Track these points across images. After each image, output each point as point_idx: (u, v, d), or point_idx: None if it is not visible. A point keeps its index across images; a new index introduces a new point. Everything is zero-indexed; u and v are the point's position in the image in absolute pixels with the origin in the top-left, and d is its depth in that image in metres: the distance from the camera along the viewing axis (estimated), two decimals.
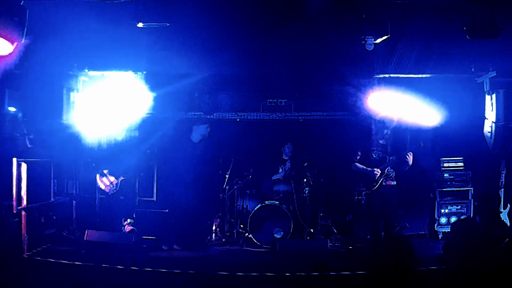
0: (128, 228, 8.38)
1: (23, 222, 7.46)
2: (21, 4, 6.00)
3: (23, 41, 6.14)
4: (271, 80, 9.04)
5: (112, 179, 8.52)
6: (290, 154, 9.24)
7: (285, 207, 8.55)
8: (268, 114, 9.64)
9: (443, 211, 8.91)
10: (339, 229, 8.64)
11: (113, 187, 8.53)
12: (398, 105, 8.31)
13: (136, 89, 8.33)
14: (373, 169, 7.85)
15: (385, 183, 7.86)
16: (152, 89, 8.39)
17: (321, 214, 8.77)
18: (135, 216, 8.65)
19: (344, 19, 7.21)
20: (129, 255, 7.02)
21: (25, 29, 6.04)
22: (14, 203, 7.32)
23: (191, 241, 8.36)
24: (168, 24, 6.97)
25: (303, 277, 6.59)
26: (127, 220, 8.46)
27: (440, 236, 8.81)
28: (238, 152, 9.15)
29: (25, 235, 7.45)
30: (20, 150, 7.60)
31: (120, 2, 6.50)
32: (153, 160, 8.99)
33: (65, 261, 7.10)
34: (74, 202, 8.86)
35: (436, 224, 8.89)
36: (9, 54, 6.16)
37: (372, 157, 7.99)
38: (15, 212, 7.34)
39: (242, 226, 8.80)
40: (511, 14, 6.64)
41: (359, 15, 7.10)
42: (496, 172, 8.57)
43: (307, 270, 6.63)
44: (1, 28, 5.87)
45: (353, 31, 7.35)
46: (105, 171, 8.54)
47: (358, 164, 8.02)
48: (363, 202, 8.81)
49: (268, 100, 9.64)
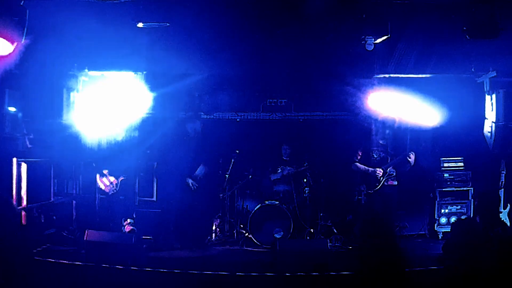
0: (128, 228, 8.37)
1: (23, 222, 7.46)
2: (21, 4, 6.00)
3: (23, 41, 6.13)
4: (271, 80, 9.05)
5: (112, 179, 8.52)
6: (289, 155, 9.24)
7: (285, 207, 8.54)
8: (268, 114, 9.65)
9: (443, 211, 8.91)
10: (339, 229, 8.63)
11: (113, 187, 8.52)
12: (398, 105, 8.31)
13: (136, 89, 8.32)
14: (375, 169, 7.85)
15: (386, 183, 7.87)
16: (152, 89, 8.38)
17: (321, 214, 8.76)
18: (135, 216, 8.65)
19: (344, 19, 7.22)
20: (129, 255, 7.01)
21: (25, 29, 6.03)
22: (14, 203, 7.31)
23: (191, 241, 8.35)
24: (168, 24, 6.99)
25: (303, 277, 6.58)
26: (127, 220, 8.45)
27: (440, 236, 8.81)
28: (238, 151, 9.13)
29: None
30: (20, 150, 7.58)
31: (120, 2, 6.50)
32: (153, 160, 8.99)
33: (65, 261, 7.08)
34: (74, 202, 8.85)
35: (436, 224, 8.89)
36: (9, 54, 6.16)
37: (373, 157, 8.00)
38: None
39: (242, 226, 8.79)
40: (511, 14, 6.64)
41: (359, 15, 7.10)
42: (496, 172, 8.56)
43: (307, 270, 6.62)
44: (1, 28, 5.87)
45: (353, 31, 7.37)
46: (105, 171, 8.53)
47: (359, 164, 8.01)
48: (363, 202, 8.80)
49: (268, 100, 9.65)
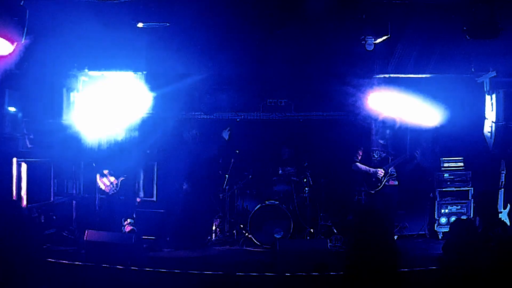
0: (128, 228, 8.36)
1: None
2: (21, 4, 6.00)
3: (23, 41, 6.14)
4: (271, 80, 9.04)
5: (112, 179, 8.50)
6: (289, 155, 9.23)
7: (285, 207, 8.54)
8: (268, 114, 9.64)
9: (443, 211, 8.90)
10: (339, 229, 8.62)
11: (113, 187, 8.51)
12: (398, 105, 8.31)
13: (136, 89, 8.32)
14: (377, 169, 7.85)
15: (387, 183, 7.87)
16: (152, 89, 8.38)
17: (321, 214, 8.76)
18: (135, 216, 8.64)
19: (344, 19, 7.23)
20: (129, 255, 7.00)
21: (25, 29, 6.04)
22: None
23: (191, 241, 8.35)
24: (168, 24, 7.00)
25: (303, 277, 6.58)
26: (127, 220, 8.44)
27: (440, 236, 8.80)
28: (238, 152, 9.13)
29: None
30: (20, 150, 7.59)
31: (120, 2, 6.51)
32: (153, 160, 8.99)
33: (65, 261, 7.07)
34: (74, 202, 8.84)
35: (436, 224, 8.88)
36: (9, 54, 6.17)
37: (373, 157, 7.99)
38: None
39: (242, 226, 8.79)
40: (511, 14, 6.64)
41: (359, 15, 7.11)
42: (496, 172, 8.55)
43: (307, 270, 6.62)
44: (1, 28, 5.87)
45: (353, 31, 7.38)
46: (105, 172, 8.52)
47: (359, 165, 8.01)
48: (363, 202, 8.79)
49: (268, 100, 9.64)
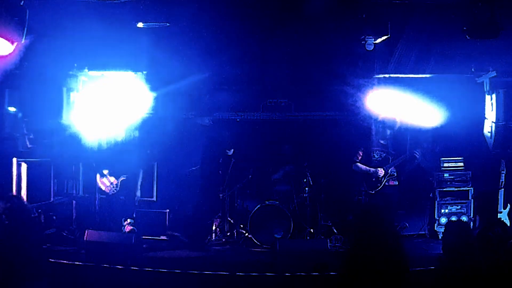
0: (128, 228, 8.36)
1: None
2: (21, 4, 6.00)
3: (23, 41, 6.14)
4: (271, 80, 9.04)
5: (112, 179, 8.50)
6: (289, 155, 9.23)
7: (285, 207, 8.53)
8: (268, 114, 9.63)
9: (443, 211, 8.90)
10: (339, 229, 8.62)
11: (113, 187, 8.50)
12: (398, 105, 8.31)
13: (136, 89, 8.32)
14: (377, 169, 7.85)
15: (387, 184, 7.87)
16: (152, 89, 8.38)
17: (321, 214, 8.75)
18: (135, 216, 8.64)
19: (344, 19, 7.23)
20: (129, 255, 7.01)
21: (25, 29, 6.04)
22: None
23: (191, 241, 8.35)
24: (168, 24, 6.99)
25: (303, 277, 6.58)
26: (127, 220, 8.43)
27: (440, 236, 8.79)
28: (238, 152, 9.14)
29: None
30: (20, 150, 7.59)
31: (120, 2, 6.52)
32: (153, 160, 8.99)
33: (65, 261, 7.08)
34: (74, 202, 8.84)
35: (436, 224, 8.88)
36: (9, 54, 6.17)
37: (373, 157, 8.00)
38: None
39: (242, 226, 8.79)
40: (511, 14, 6.65)
41: (359, 15, 7.11)
42: (496, 172, 8.56)
43: (307, 270, 6.62)
44: (1, 28, 5.87)
45: (353, 31, 7.38)
46: (105, 172, 8.52)
47: (360, 165, 8.01)
48: (363, 202, 8.79)
49: (268, 100, 9.63)
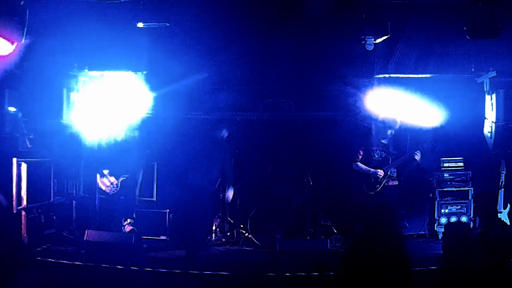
0: (128, 228, 8.36)
1: (23, 222, 7.46)
2: (21, 4, 6.00)
3: (23, 41, 6.14)
4: (271, 80, 9.03)
5: (113, 179, 8.49)
6: (288, 155, 9.23)
7: (285, 207, 8.53)
8: (268, 114, 9.62)
9: (443, 211, 8.90)
10: (339, 229, 8.62)
11: (114, 187, 8.49)
12: (398, 105, 8.30)
13: (136, 89, 8.32)
14: (376, 170, 7.84)
15: (387, 184, 7.86)
16: (152, 89, 8.37)
17: (321, 214, 8.75)
18: (135, 216, 8.64)
19: (344, 19, 7.23)
20: (129, 255, 7.01)
21: (25, 29, 6.04)
22: (14, 203, 7.31)
23: (191, 241, 8.34)
24: (168, 24, 6.99)
25: (303, 277, 6.59)
26: (127, 220, 8.43)
27: (440, 236, 8.80)
28: (238, 152, 9.13)
29: (25, 235, 7.45)
30: (20, 150, 7.59)
31: (120, 2, 6.52)
32: (153, 160, 8.98)
33: (65, 261, 7.08)
34: (74, 202, 8.84)
35: (436, 224, 8.89)
36: (9, 54, 6.17)
37: (374, 157, 7.99)
38: (15, 212, 7.34)
39: (242, 226, 8.79)
40: (511, 14, 6.65)
41: (359, 15, 7.11)
42: (496, 172, 8.55)
43: (307, 270, 6.63)
44: (1, 28, 5.87)
45: (353, 31, 7.38)
46: (105, 172, 8.51)
47: (360, 164, 8.00)
48: (363, 203, 8.78)
49: (268, 100, 9.62)
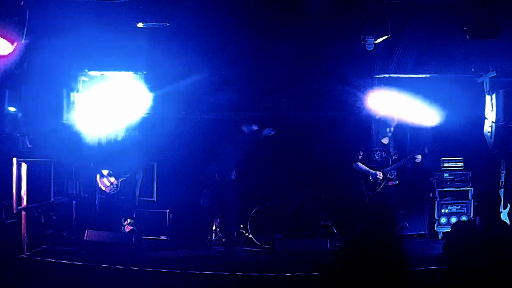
0: (128, 228, 8.36)
1: (23, 222, 7.46)
2: (21, 4, 6.01)
3: (23, 41, 6.14)
4: (271, 80, 9.03)
5: (112, 179, 8.48)
6: (288, 155, 9.22)
7: (285, 207, 8.54)
8: (268, 114, 9.61)
9: (443, 211, 8.90)
10: (339, 229, 8.62)
11: (114, 188, 8.49)
12: (398, 105, 8.30)
13: (136, 89, 8.32)
14: (376, 172, 7.84)
15: (387, 185, 7.86)
16: (152, 89, 8.37)
17: (321, 214, 8.75)
18: (135, 216, 8.64)
19: (344, 19, 7.23)
20: (129, 255, 7.02)
21: (25, 29, 6.04)
22: (14, 203, 7.32)
23: (191, 241, 8.35)
24: (168, 24, 6.99)
25: (303, 277, 6.59)
26: (127, 220, 8.43)
27: (440, 236, 8.80)
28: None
29: (25, 235, 7.45)
30: (20, 150, 7.59)
31: (120, 2, 6.52)
32: (153, 160, 8.98)
33: (65, 261, 7.08)
34: (74, 202, 8.84)
35: (436, 224, 8.89)
36: (9, 54, 6.18)
37: (374, 158, 7.98)
38: (15, 212, 7.34)
39: (242, 226, 8.79)
40: (511, 14, 6.65)
41: (359, 15, 7.11)
42: (496, 172, 8.55)
43: (307, 270, 6.63)
44: (1, 28, 5.87)
45: (353, 31, 7.37)
46: (105, 172, 8.50)
47: (360, 164, 8.00)
48: (363, 203, 8.78)
49: (268, 100, 9.62)
